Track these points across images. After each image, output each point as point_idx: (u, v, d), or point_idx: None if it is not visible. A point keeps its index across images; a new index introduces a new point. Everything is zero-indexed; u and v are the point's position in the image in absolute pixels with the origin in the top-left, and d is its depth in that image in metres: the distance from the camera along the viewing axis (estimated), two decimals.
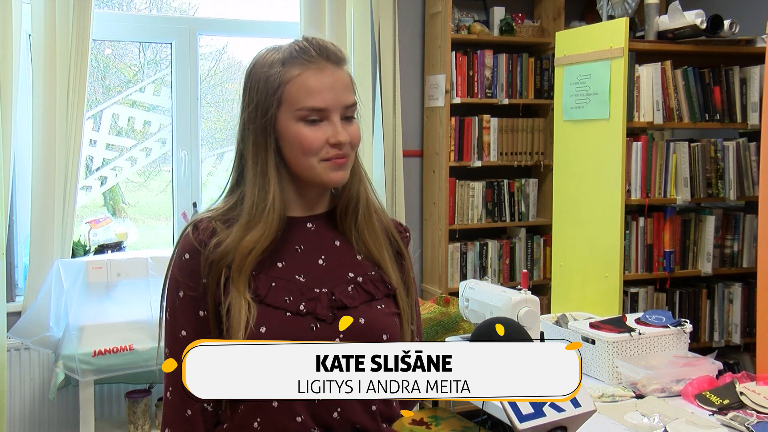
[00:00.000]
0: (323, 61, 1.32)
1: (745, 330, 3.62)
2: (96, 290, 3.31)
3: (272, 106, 1.32)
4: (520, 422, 1.08)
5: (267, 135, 1.33)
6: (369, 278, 1.40)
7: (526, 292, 2.51)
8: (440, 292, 3.92)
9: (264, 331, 1.27)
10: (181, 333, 1.32)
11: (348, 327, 1.30)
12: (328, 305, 1.33)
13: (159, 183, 4.19)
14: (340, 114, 1.32)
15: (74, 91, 3.38)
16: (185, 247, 1.34)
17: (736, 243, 3.60)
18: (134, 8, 4.08)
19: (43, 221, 3.37)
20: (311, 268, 1.37)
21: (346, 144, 1.32)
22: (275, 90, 1.31)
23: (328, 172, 1.33)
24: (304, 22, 3.76)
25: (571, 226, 3.41)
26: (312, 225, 1.40)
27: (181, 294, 1.33)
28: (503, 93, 4.06)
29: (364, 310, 1.36)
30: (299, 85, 1.31)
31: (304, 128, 1.31)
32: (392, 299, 1.41)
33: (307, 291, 1.33)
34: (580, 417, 1.11)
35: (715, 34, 3.33)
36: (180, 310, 1.33)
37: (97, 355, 3.10)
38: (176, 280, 1.33)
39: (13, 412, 3.43)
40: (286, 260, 1.35)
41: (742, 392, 2.27)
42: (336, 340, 1.31)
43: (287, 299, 1.32)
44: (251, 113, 1.34)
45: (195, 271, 1.31)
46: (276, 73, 1.31)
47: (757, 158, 3.47)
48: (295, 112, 1.31)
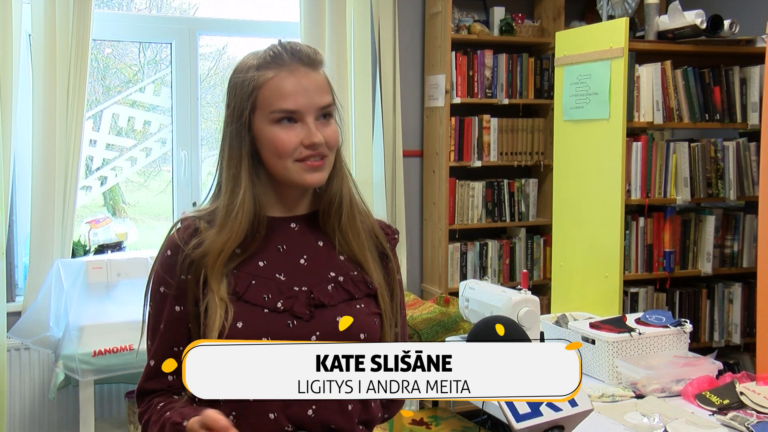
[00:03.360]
0: (296, 63, 1.35)
1: (745, 330, 3.62)
2: (96, 290, 3.31)
3: (246, 109, 1.35)
4: (517, 422, 1.08)
5: (242, 138, 1.36)
6: (350, 278, 1.42)
7: (526, 292, 2.52)
8: (440, 292, 3.92)
9: (240, 326, 1.31)
10: (160, 327, 1.39)
11: (323, 326, 1.35)
12: (306, 303, 1.36)
13: (159, 183, 4.20)
14: (314, 115, 1.35)
15: (74, 91, 3.38)
16: (169, 244, 1.40)
17: (736, 243, 3.60)
18: (134, 8, 4.08)
19: (43, 221, 3.37)
20: (292, 267, 1.40)
21: (321, 145, 1.34)
22: (249, 94, 1.35)
23: (303, 174, 1.35)
24: (304, 22, 3.76)
25: (571, 226, 3.41)
26: (296, 225, 1.43)
27: (161, 289, 1.39)
28: (503, 93, 4.06)
29: (343, 309, 1.38)
30: (272, 89, 1.34)
31: (278, 130, 1.34)
32: (373, 299, 1.43)
33: (286, 289, 1.36)
34: (577, 416, 1.11)
35: (715, 34, 3.33)
36: (161, 305, 1.39)
37: (97, 355, 3.10)
38: (158, 275, 1.39)
39: (13, 412, 3.43)
40: (267, 259, 1.39)
41: (742, 392, 2.27)
42: (312, 338, 1.34)
43: (266, 297, 1.35)
44: (228, 117, 1.39)
45: (174, 268, 1.36)
46: (250, 78, 1.35)
47: (757, 158, 3.47)
48: (269, 114, 1.34)
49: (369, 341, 1.38)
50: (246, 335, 1.30)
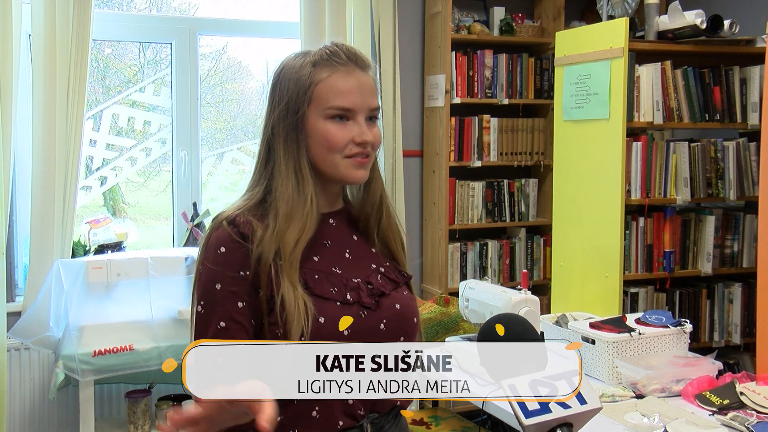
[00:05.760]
0: (351, 64, 1.40)
1: (745, 330, 3.62)
2: (96, 290, 3.31)
3: (303, 104, 1.38)
4: (526, 418, 1.09)
5: (298, 132, 1.39)
6: (388, 268, 1.48)
7: (526, 292, 2.52)
8: (440, 292, 3.92)
9: (323, 321, 1.32)
10: (219, 324, 1.32)
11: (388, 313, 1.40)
12: (369, 293, 1.40)
13: (159, 183, 4.19)
14: (365, 115, 1.40)
15: (74, 91, 3.38)
16: (221, 241, 1.35)
17: (736, 243, 3.60)
18: (134, 8, 4.08)
19: (43, 221, 3.37)
20: (342, 260, 1.44)
21: (369, 143, 1.40)
22: (306, 89, 1.39)
23: (351, 169, 1.40)
24: (304, 22, 3.76)
25: (571, 226, 3.41)
26: (333, 221, 1.48)
27: (218, 287, 1.33)
28: (503, 93, 4.05)
29: (396, 296, 1.45)
30: (329, 86, 1.38)
31: (332, 126, 1.38)
32: (407, 286, 1.51)
33: (347, 282, 1.40)
34: (586, 414, 1.11)
35: (715, 34, 3.33)
36: (219, 301, 1.33)
37: (97, 355, 3.10)
38: (212, 272, 1.34)
39: (13, 412, 3.43)
40: (320, 254, 1.42)
41: (742, 392, 2.27)
42: (380, 327, 1.39)
43: (333, 290, 1.37)
44: (281, 111, 1.40)
45: (233, 265, 1.33)
46: (307, 74, 1.39)
47: (757, 158, 3.47)
48: (324, 110, 1.38)
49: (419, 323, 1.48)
50: (327, 329, 1.30)
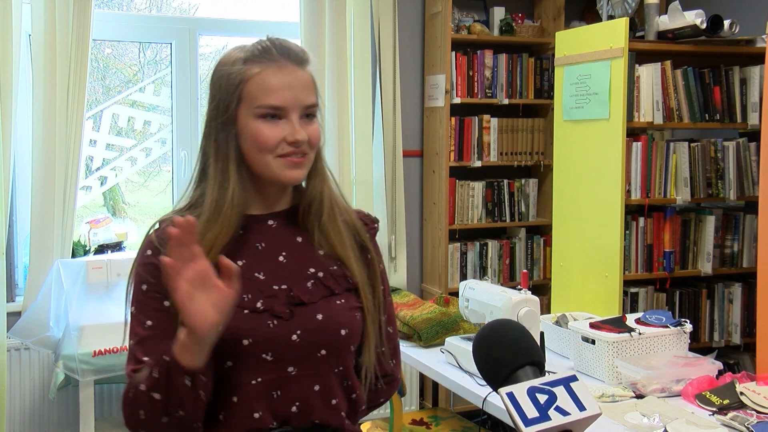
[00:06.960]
0: (284, 60, 1.35)
1: (745, 330, 3.62)
2: (96, 290, 3.31)
3: (233, 102, 1.34)
4: (525, 426, 1.07)
5: (228, 132, 1.35)
6: (330, 273, 1.41)
7: (526, 292, 2.51)
8: (440, 292, 3.92)
9: (221, 329, 1.24)
10: (146, 323, 1.33)
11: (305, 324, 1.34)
12: (286, 302, 1.35)
13: (159, 183, 4.20)
14: (298, 113, 1.35)
15: (74, 91, 3.38)
16: (148, 245, 1.37)
17: (736, 243, 3.60)
18: (134, 8, 4.08)
19: (43, 221, 3.37)
20: (271, 265, 1.39)
21: (303, 143, 1.34)
22: (235, 87, 1.34)
23: (284, 170, 1.35)
24: (304, 22, 3.76)
25: (571, 226, 3.41)
26: (273, 222, 1.42)
27: (144, 288, 1.35)
28: (503, 93, 4.05)
29: (323, 305, 1.38)
30: (259, 83, 1.33)
31: (262, 125, 1.33)
32: (354, 294, 1.42)
33: (265, 288, 1.35)
34: (586, 420, 1.10)
35: (715, 34, 3.33)
36: (144, 302, 1.35)
37: (97, 355, 3.10)
38: (140, 275, 1.36)
39: (13, 412, 3.43)
40: (246, 258, 1.37)
41: (742, 392, 2.27)
42: (293, 338, 1.34)
43: (245, 297, 1.33)
44: (212, 110, 1.37)
45: (157, 268, 1.30)
46: (237, 71, 1.34)
47: (757, 158, 3.47)
48: (254, 109, 1.33)
49: (350, 336, 1.39)
50: (226, 337, 1.26)
